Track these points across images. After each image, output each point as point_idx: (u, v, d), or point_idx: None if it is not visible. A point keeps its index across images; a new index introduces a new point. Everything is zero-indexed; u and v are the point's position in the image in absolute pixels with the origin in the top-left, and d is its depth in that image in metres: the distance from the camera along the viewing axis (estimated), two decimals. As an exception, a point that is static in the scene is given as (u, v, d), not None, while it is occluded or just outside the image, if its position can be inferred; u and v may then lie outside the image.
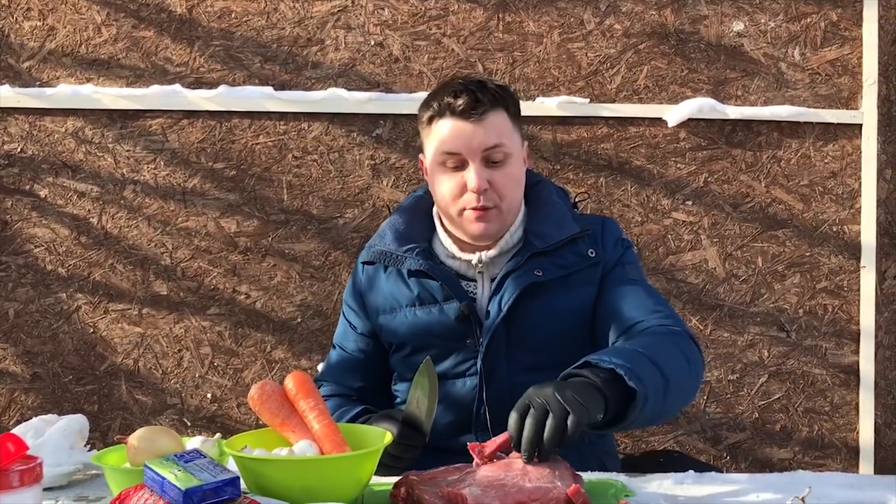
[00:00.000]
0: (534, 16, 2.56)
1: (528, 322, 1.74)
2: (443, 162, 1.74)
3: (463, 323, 1.74)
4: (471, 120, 1.71)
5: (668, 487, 1.46)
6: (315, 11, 2.56)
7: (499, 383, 1.74)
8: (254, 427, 2.50)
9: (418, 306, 1.77)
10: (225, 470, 1.23)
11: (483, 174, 1.71)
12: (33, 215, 2.57)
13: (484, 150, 1.71)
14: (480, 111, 1.71)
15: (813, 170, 2.56)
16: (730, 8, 2.55)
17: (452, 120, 1.72)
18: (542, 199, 1.83)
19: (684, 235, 2.56)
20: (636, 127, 2.56)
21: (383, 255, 1.80)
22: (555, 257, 1.75)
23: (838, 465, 2.56)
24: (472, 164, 1.71)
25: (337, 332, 1.93)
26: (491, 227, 1.74)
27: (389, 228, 1.84)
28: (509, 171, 1.74)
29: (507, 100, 1.77)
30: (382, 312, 1.81)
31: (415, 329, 1.77)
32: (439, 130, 1.74)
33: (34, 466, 1.13)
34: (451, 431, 1.76)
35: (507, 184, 1.73)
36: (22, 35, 2.56)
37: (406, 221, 1.84)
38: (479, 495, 1.28)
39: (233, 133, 2.56)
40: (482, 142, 1.71)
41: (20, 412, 2.57)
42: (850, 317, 2.56)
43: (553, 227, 1.77)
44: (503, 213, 1.74)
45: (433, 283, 1.76)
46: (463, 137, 1.71)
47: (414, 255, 1.77)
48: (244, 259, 2.57)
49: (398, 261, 1.78)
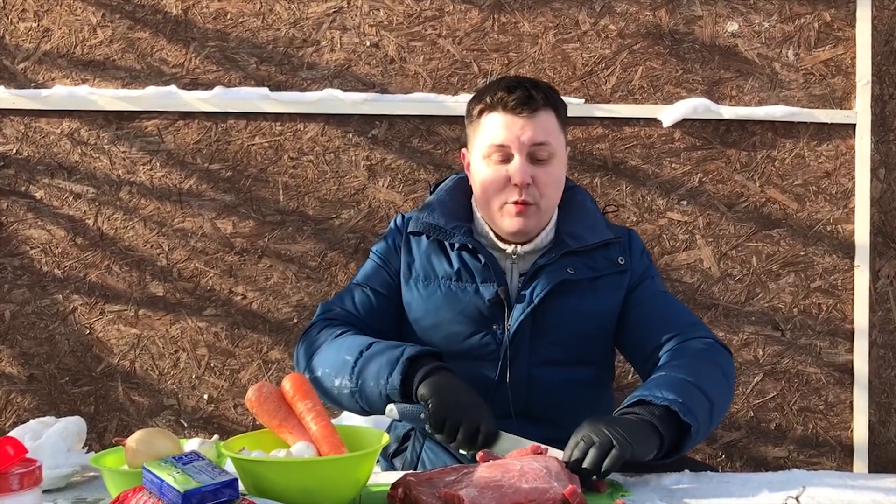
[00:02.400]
0: (529, 16, 2.56)
1: (554, 317, 1.76)
2: (489, 154, 1.77)
3: (494, 307, 1.75)
4: (522, 115, 1.74)
5: (664, 487, 1.47)
6: (310, 12, 2.56)
7: (518, 372, 1.76)
8: (250, 428, 2.51)
9: (454, 281, 1.78)
10: (223, 472, 1.23)
11: (528, 169, 1.74)
12: (29, 217, 2.57)
13: (531, 145, 1.74)
14: (532, 107, 1.74)
15: (807, 169, 2.57)
16: (724, 8, 2.56)
17: (503, 114, 1.75)
18: (576, 203, 1.87)
19: (679, 235, 2.57)
20: (631, 127, 2.56)
21: (431, 228, 1.81)
22: (586, 258, 1.79)
23: (833, 464, 2.57)
24: (518, 158, 1.74)
25: (361, 272, 1.89)
26: (529, 224, 1.77)
27: (437, 204, 1.85)
28: (553, 170, 1.77)
29: (558, 102, 1.80)
30: (415, 280, 1.81)
31: (445, 303, 1.78)
32: (489, 123, 1.77)
33: (34, 469, 1.14)
34: None
35: (549, 182, 1.77)
36: (17, 36, 2.56)
37: (452, 200, 1.87)
38: (476, 496, 1.28)
39: (229, 134, 2.56)
40: (531, 137, 1.74)
41: (16, 414, 2.57)
42: (845, 316, 2.57)
43: (587, 230, 1.81)
44: (541, 211, 1.77)
45: (475, 263, 1.77)
46: (512, 131, 1.74)
47: (461, 233, 1.79)
48: (240, 260, 2.57)
49: (447, 234, 1.80)
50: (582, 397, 1.81)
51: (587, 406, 1.81)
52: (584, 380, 1.81)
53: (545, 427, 1.72)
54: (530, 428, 1.71)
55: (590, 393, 1.83)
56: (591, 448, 1.40)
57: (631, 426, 1.45)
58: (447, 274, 1.79)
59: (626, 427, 1.44)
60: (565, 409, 1.78)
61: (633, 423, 1.47)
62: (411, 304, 1.82)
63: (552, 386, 1.77)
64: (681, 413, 1.49)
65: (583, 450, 1.41)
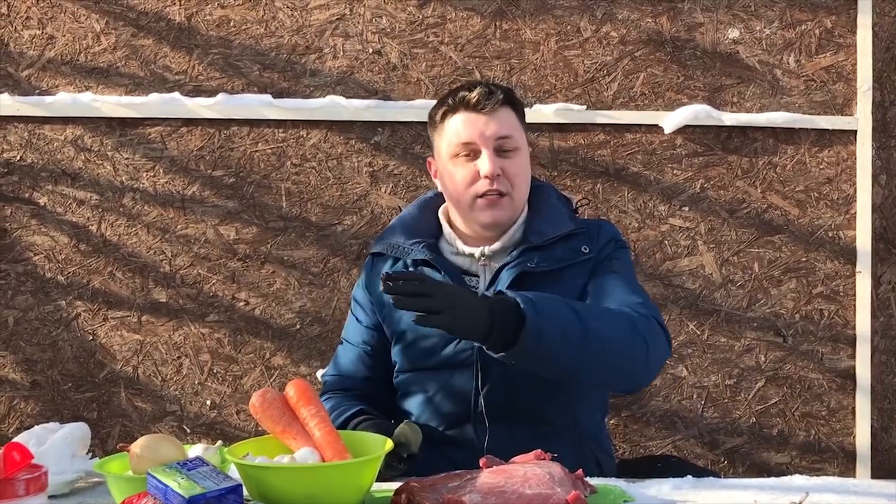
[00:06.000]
0: (531, 23, 2.57)
1: None
2: (456, 153, 1.83)
3: None
4: (484, 111, 1.81)
5: (666, 492, 1.47)
6: (313, 20, 2.57)
7: (495, 376, 1.76)
8: (253, 434, 2.51)
9: None
10: (227, 478, 1.23)
11: (496, 161, 1.80)
12: (33, 223, 2.57)
13: (497, 138, 1.81)
14: (493, 102, 1.81)
15: (808, 176, 2.58)
16: (725, 15, 2.57)
17: (466, 112, 1.83)
18: (542, 202, 1.91)
19: (681, 241, 2.58)
20: (633, 133, 2.57)
21: (391, 247, 1.89)
22: (548, 251, 1.82)
23: (835, 470, 2.57)
24: (486, 152, 1.81)
25: (345, 328, 2.00)
26: (503, 215, 1.82)
27: (398, 223, 1.94)
28: (519, 161, 1.84)
29: (516, 101, 1.89)
30: (388, 307, 1.84)
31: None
32: (453, 124, 1.84)
33: (40, 475, 1.14)
34: (449, 423, 1.79)
35: (517, 173, 1.83)
36: (21, 43, 2.57)
37: (414, 217, 1.94)
38: (480, 502, 1.29)
39: (231, 141, 2.57)
40: (495, 131, 1.81)
41: (19, 420, 2.58)
42: (847, 321, 2.58)
43: (549, 226, 1.85)
44: (514, 201, 1.83)
45: (436, 276, 1.80)
46: (477, 127, 1.81)
47: (420, 248, 1.85)
48: (243, 266, 2.57)
49: (405, 252, 1.86)
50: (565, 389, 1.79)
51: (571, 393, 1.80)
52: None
53: (535, 425, 1.74)
54: (520, 428, 1.73)
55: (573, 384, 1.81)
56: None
57: (468, 303, 1.53)
58: None
59: (465, 302, 1.52)
60: (551, 405, 1.78)
61: (473, 302, 1.54)
62: (389, 327, 1.88)
63: (533, 384, 1.77)
64: (522, 302, 1.54)
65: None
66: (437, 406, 1.81)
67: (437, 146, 1.89)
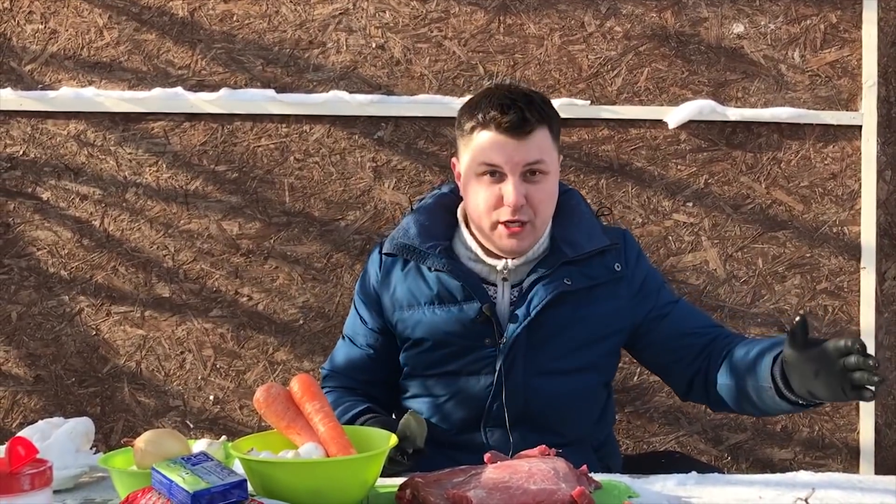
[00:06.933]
0: (534, 18, 2.56)
1: (550, 328, 1.76)
2: (481, 173, 1.74)
3: (483, 324, 1.75)
4: (515, 137, 1.71)
5: (671, 488, 1.47)
6: (316, 14, 2.57)
7: (514, 384, 1.76)
8: (256, 429, 2.51)
9: (437, 304, 1.78)
10: (232, 473, 1.23)
11: (521, 189, 1.71)
12: (36, 218, 2.57)
13: (525, 165, 1.72)
14: (527, 129, 1.71)
15: (813, 171, 2.57)
16: (730, 10, 2.56)
17: (497, 133, 1.72)
18: (571, 208, 1.85)
19: (685, 237, 2.57)
20: (637, 129, 2.56)
21: (406, 249, 1.81)
22: (583, 267, 1.78)
23: (839, 466, 2.57)
24: (511, 179, 1.72)
25: (347, 322, 1.94)
26: (524, 244, 1.76)
27: (414, 223, 1.84)
28: (546, 186, 1.75)
29: (553, 118, 1.78)
30: (399, 308, 1.82)
31: (433, 326, 1.78)
32: (481, 141, 1.74)
33: (44, 470, 1.14)
34: (462, 427, 1.79)
35: (542, 199, 1.75)
36: (24, 38, 2.57)
37: (430, 218, 1.85)
38: (484, 497, 1.28)
39: (235, 136, 2.57)
40: (524, 158, 1.72)
41: (23, 414, 2.58)
42: (851, 318, 2.57)
43: (583, 237, 1.79)
44: (536, 228, 1.76)
45: (454, 283, 1.77)
46: (505, 152, 1.72)
47: (436, 253, 1.77)
48: (246, 261, 2.57)
49: (421, 256, 1.79)
50: (580, 402, 1.81)
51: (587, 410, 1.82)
52: (581, 386, 1.80)
53: (546, 434, 1.72)
54: (531, 435, 1.72)
55: (588, 397, 1.83)
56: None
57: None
58: (428, 298, 1.79)
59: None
60: (565, 416, 1.79)
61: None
62: (403, 330, 1.83)
63: (550, 395, 1.77)
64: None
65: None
66: (448, 410, 1.80)
67: (462, 154, 1.80)
